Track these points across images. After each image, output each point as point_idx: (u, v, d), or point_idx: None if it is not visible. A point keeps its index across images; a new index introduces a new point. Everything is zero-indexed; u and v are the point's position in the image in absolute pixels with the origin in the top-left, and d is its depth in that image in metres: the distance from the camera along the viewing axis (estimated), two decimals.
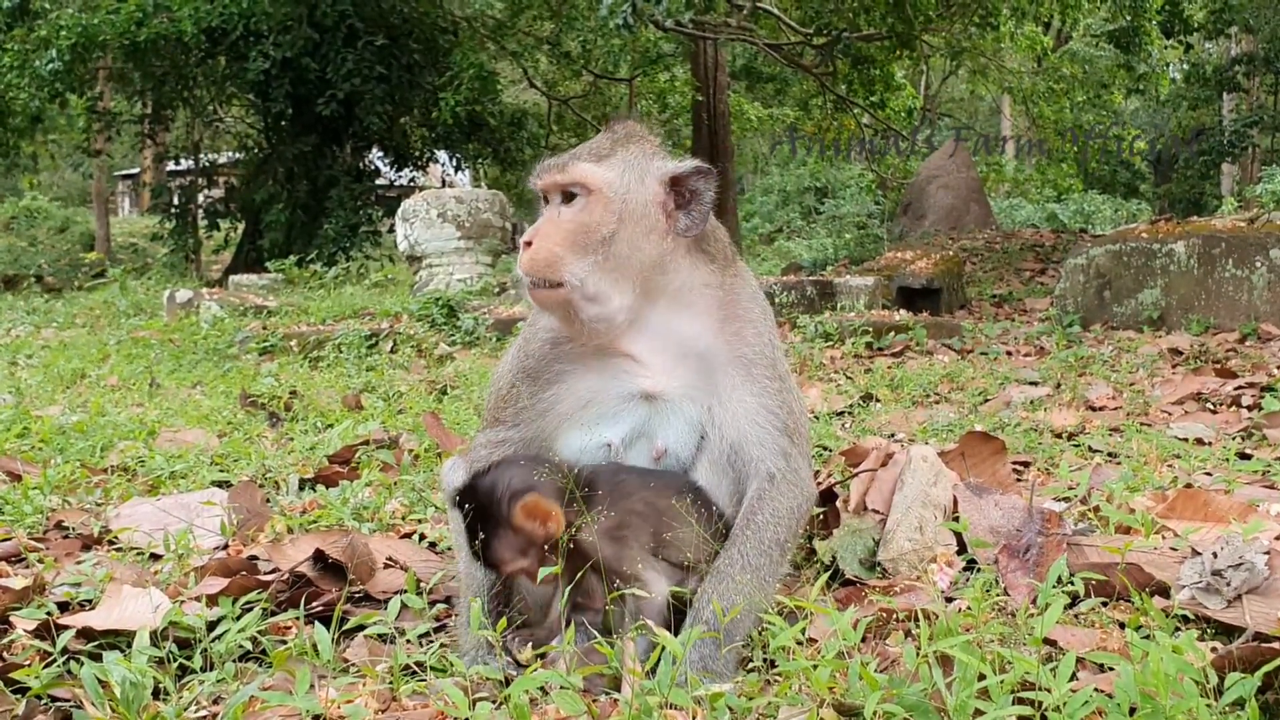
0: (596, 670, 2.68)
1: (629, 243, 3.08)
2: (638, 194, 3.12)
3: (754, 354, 3.22)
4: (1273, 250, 11.81)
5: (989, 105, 51.30)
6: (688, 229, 3.15)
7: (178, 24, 24.34)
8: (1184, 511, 3.98)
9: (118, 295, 18.76)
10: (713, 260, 3.26)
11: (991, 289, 18.36)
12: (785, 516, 3.11)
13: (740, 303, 3.28)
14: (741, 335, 3.23)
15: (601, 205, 3.08)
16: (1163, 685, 2.14)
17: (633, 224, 3.09)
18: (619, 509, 2.95)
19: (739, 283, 3.32)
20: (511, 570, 2.96)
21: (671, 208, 3.15)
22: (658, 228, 3.13)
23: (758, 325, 3.28)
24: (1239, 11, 30.50)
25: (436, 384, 8.74)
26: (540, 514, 2.89)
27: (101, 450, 6.07)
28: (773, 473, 3.14)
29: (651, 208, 3.12)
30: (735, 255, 3.38)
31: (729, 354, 3.20)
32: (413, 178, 31.50)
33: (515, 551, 2.92)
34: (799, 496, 3.18)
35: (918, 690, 2.30)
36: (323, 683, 2.71)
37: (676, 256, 3.18)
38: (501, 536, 2.91)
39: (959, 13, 26.41)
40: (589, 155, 3.16)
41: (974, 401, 7.94)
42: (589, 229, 3.07)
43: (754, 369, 3.20)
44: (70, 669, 2.82)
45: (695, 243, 3.21)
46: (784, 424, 3.19)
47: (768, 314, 3.36)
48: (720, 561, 2.98)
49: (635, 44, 28.13)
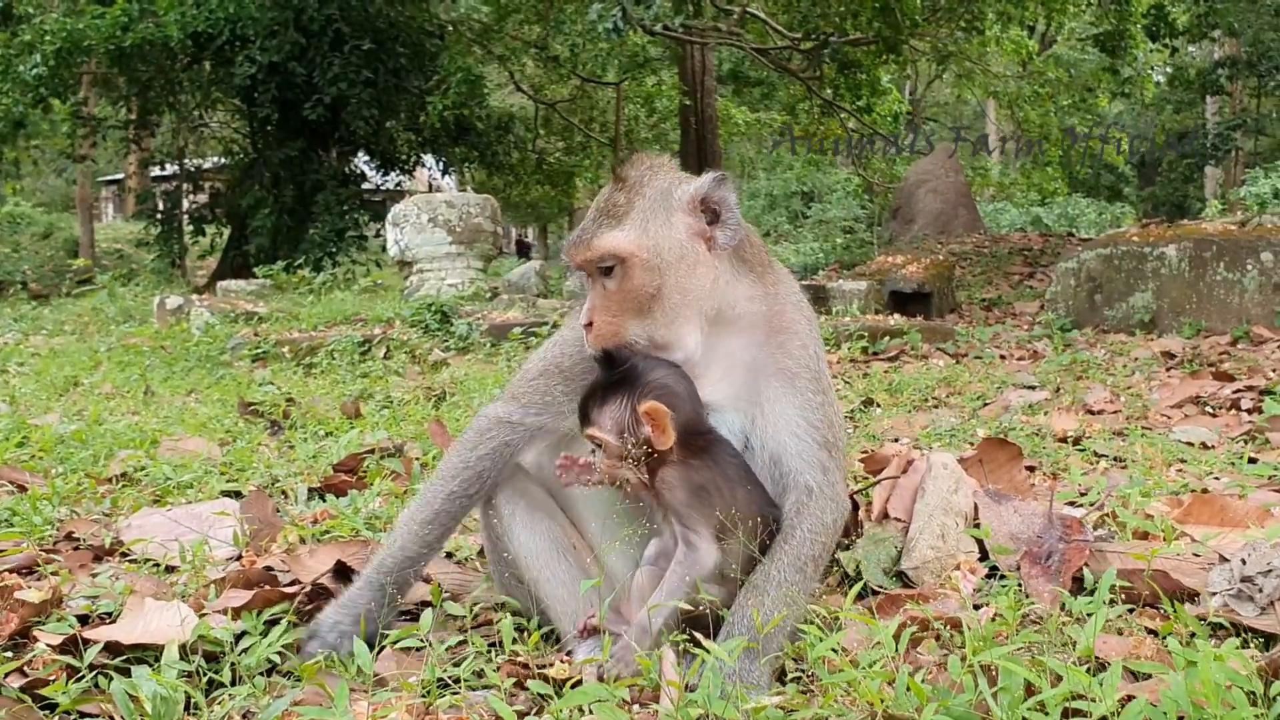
0: (635, 681, 2.66)
1: (679, 288, 3.04)
2: (669, 239, 3.05)
3: (797, 366, 3.20)
4: (1264, 253, 11.86)
5: (974, 109, 51.43)
6: (728, 242, 3.11)
7: (163, 29, 24.28)
8: (1200, 517, 3.98)
9: (106, 302, 18.68)
10: (752, 269, 3.21)
11: (981, 293, 18.43)
12: (821, 532, 3.10)
13: (785, 314, 3.25)
14: (786, 347, 3.21)
15: (639, 268, 3.02)
16: (1213, 695, 2.13)
17: (676, 269, 3.04)
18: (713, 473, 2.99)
19: (782, 290, 3.28)
20: (593, 435, 2.99)
21: (705, 228, 3.10)
22: (701, 258, 3.09)
23: (802, 337, 3.25)
24: (1223, 15, 30.58)
25: (434, 390, 8.70)
26: (659, 421, 2.93)
27: (103, 460, 6.03)
28: (811, 486, 3.12)
29: (687, 243, 3.07)
30: (770, 258, 3.34)
31: (773, 366, 3.18)
32: (399, 182, 31.50)
33: (613, 426, 2.97)
34: (835, 511, 3.16)
35: (964, 701, 2.29)
36: (354, 696, 2.69)
37: (728, 273, 3.15)
38: (614, 406, 2.96)
39: (945, 17, 26.47)
40: (608, 221, 3.08)
41: (973, 406, 7.94)
42: (636, 294, 3.03)
43: (797, 381, 3.18)
44: (98, 684, 2.79)
45: (734, 251, 3.17)
46: (824, 437, 3.17)
47: (812, 323, 3.33)
48: (757, 575, 2.96)
49: (623, 48, 28.16)
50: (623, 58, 30.88)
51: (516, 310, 13.64)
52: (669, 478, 2.97)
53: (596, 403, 2.98)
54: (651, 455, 2.95)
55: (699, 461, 2.99)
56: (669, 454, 2.96)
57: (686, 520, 2.94)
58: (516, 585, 3.31)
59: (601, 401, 2.98)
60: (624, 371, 2.96)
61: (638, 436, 2.94)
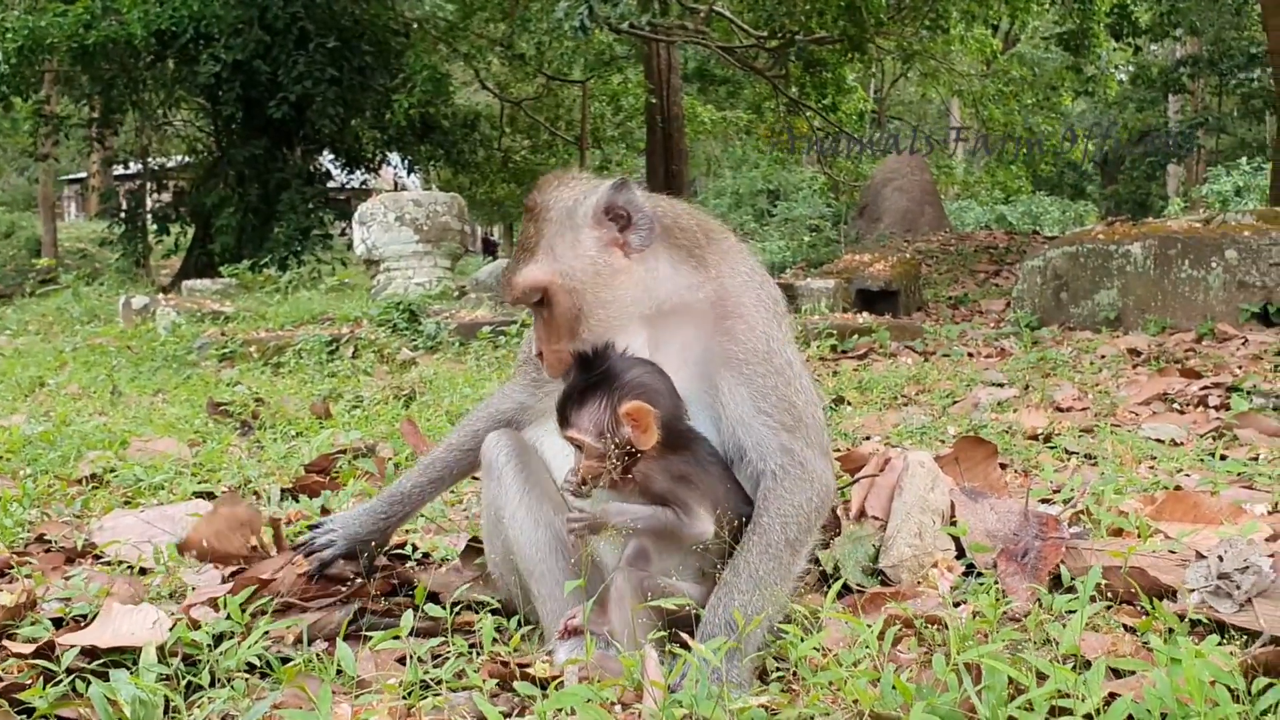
0: (618, 682, 2.65)
1: (600, 302, 3.06)
2: (579, 257, 3.07)
3: (744, 352, 3.13)
4: (1228, 251, 11.95)
5: (938, 108, 51.65)
6: (642, 243, 3.09)
7: (127, 27, 24.12)
8: (1173, 513, 4.00)
9: (71, 301, 18.53)
10: (690, 256, 3.18)
11: (947, 291, 18.51)
12: (793, 514, 3.03)
13: (730, 297, 3.18)
14: (732, 333, 3.14)
15: (559, 293, 3.06)
16: (1197, 692, 2.14)
17: (594, 285, 3.06)
18: (694, 467, 3.00)
19: (726, 271, 3.22)
20: (572, 437, 2.96)
21: (617, 235, 3.09)
22: (619, 266, 3.09)
23: (749, 318, 3.17)
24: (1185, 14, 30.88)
25: (403, 390, 8.67)
26: (642, 421, 2.91)
27: (72, 461, 5.99)
28: (773, 470, 3.07)
29: (600, 256, 3.08)
30: (714, 235, 3.29)
31: (722, 354, 3.13)
32: (365, 180, 31.39)
33: (592, 427, 2.94)
34: (808, 490, 3.09)
35: (949, 700, 2.30)
36: (336, 698, 2.68)
37: (658, 270, 3.13)
38: (593, 407, 2.94)
39: (909, 16, 26.59)
40: (523, 255, 3.13)
41: (943, 404, 7.97)
42: (565, 317, 3.08)
43: (746, 367, 3.12)
44: (75, 688, 2.77)
45: (668, 244, 3.16)
46: (783, 420, 3.10)
47: (763, 301, 3.24)
48: (728, 570, 2.94)
49: (589, 46, 28.16)
50: (589, 56, 30.91)
51: (485, 309, 13.59)
52: (648, 471, 2.95)
53: (574, 404, 2.95)
54: (632, 455, 2.94)
55: (678, 456, 2.98)
56: (649, 451, 2.95)
57: (676, 500, 2.93)
58: (509, 570, 3.31)
59: (580, 403, 2.95)
60: (602, 373, 2.95)
61: (618, 437, 2.92)
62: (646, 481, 2.96)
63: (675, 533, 2.94)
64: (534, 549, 3.20)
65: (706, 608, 2.89)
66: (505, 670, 2.90)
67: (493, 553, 3.40)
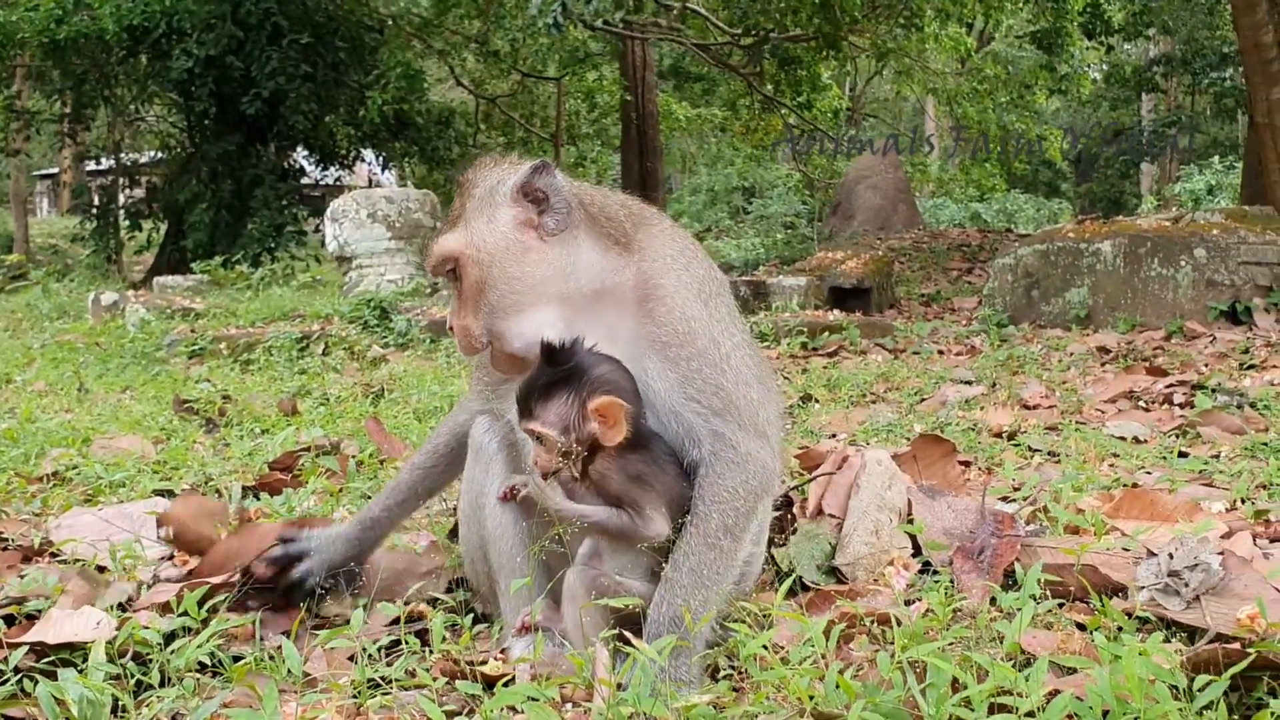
0: (568, 680, 2.65)
1: (506, 278, 3.06)
2: (492, 233, 3.09)
3: (666, 334, 3.07)
4: (1197, 250, 12.03)
5: (913, 106, 51.77)
6: (557, 227, 3.08)
7: (99, 21, 23.98)
8: (1131, 511, 4.03)
9: (40, 298, 18.43)
10: (616, 241, 3.15)
11: (920, 288, 18.56)
12: (729, 499, 2.98)
13: (651, 278, 3.14)
14: (653, 315, 3.10)
15: (468, 265, 3.08)
16: (1136, 689, 2.16)
17: (502, 261, 3.07)
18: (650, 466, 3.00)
19: (650, 253, 3.18)
20: (534, 430, 2.94)
21: (533, 217, 3.10)
22: (532, 246, 3.08)
23: (669, 300, 3.11)
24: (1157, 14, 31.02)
25: (372, 387, 8.65)
26: (611, 418, 2.90)
27: (34, 458, 5.95)
28: (707, 457, 3.03)
29: (513, 234, 3.08)
30: (645, 220, 3.27)
31: (646, 338, 3.09)
32: (338, 177, 31.26)
33: (558, 422, 2.92)
34: (742, 473, 3.02)
35: (893, 698, 2.30)
36: (284, 697, 2.67)
37: (578, 254, 3.11)
38: (560, 402, 2.92)
39: (884, 14, 26.62)
40: (444, 227, 3.18)
41: (910, 401, 8.00)
42: (473, 290, 3.09)
43: (669, 350, 3.06)
44: (23, 686, 2.76)
45: (593, 231, 3.14)
46: (710, 403, 3.04)
47: (684, 283, 3.16)
48: (669, 566, 2.92)
49: (563, 43, 28.11)
50: (563, 53, 30.82)
51: None
52: (605, 469, 2.95)
53: (539, 397, 2.93)
54: (593, 451, 2.94)
55: (635, 455, 2.97)
56: (608, 448, 2.94)
57: (630, 501, 2.93)
58: (480, 560, 3.32)
59: (545, 396, 2.92)
60: (570, 368, 2.93)
61: (583, 433, 2.92)
62: (603, 481, 2.96)
63: (629, 535, 2.94)
64: (508, 543, 3.20)
65: (651, 605, 2.88)
66: (457, 668, 2.89)
67: (469, 538, 3.40)
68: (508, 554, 3.20)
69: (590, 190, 3.24)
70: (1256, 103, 17.38)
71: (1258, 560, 3.38)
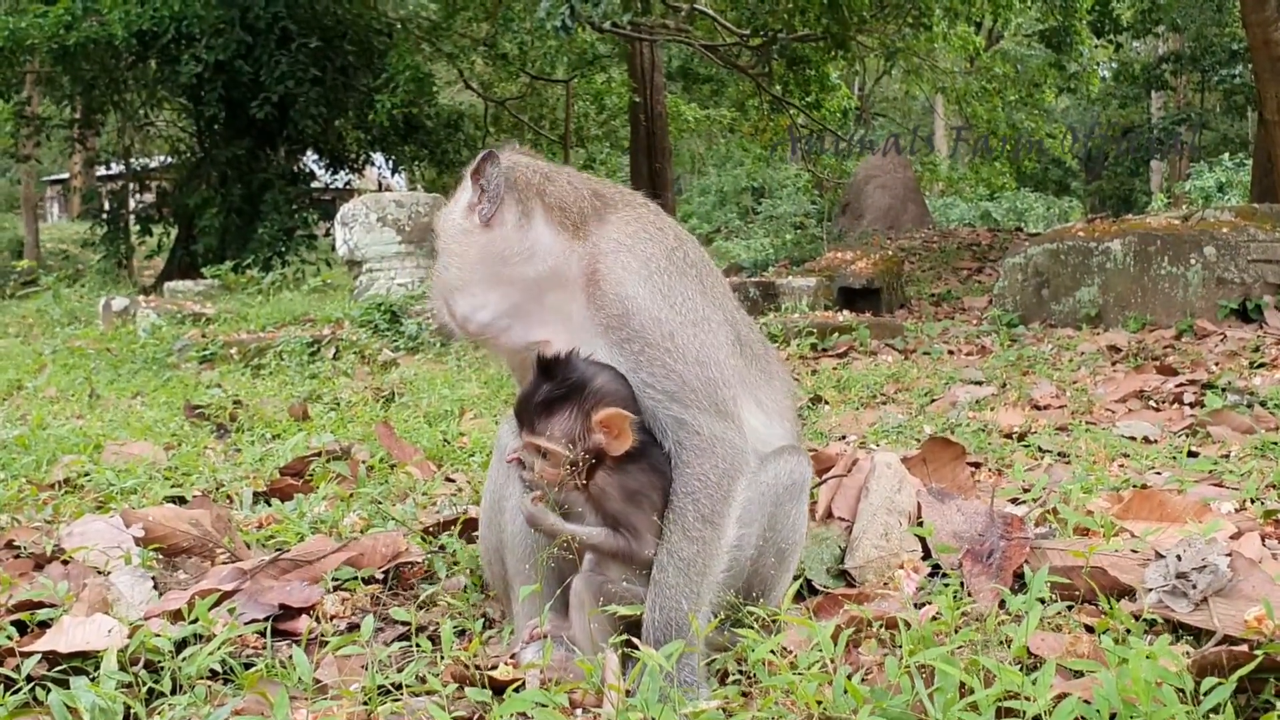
0: (577, 686, 2.66)
1: (450, 254, 3.17)
2: (448, 214, 3.21)
3: (612, 320, 3.00)
4: (1206, 247, 12.01)
5: (922, 105, 51.72)
6: (485, 215, 3.10)
7: (108, 27, 24.02)
8: (1140, 512, 4.02)
9: (51, 303, 18.45)
10: (573, 225, 3.12)
11: (930, 288, 18.52)
12: (700, 487, 2.92)
13: (601, 262, 3.06)
14: (599, 301, 3.03)
15: (436, 241, 3.23)
16: (1143, 692, 2.16)
17: (449, 242, 3.17)
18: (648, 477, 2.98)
19: (599, 237, 3.12)
20: (538, 444, 2.92)
21: (476, 201, 3.15)
22: (473, 230, 3.12)
23: (615, 282, 3.03)
24: (1166, 11, 30.98)
25: (382, 391, 8.67)
26: (616, 429, 2.89)
27: (46, 465, 5.97)
28: (674, 447, 2.97)
29: (460, 218, 3.16)
30: (609, 204, 3.21)
31: (595, 325, 3.03)
32: (348, 181, 31.32)
33: (562, 434, 2.90)
34: (711, 458, 2.94)
35: (900, 702, 2.31)
36: (295, 704, 2.68)
37: (532, 239, 3.09)
38: (563, 415, 2.91)
39: (892, 13, 26.59)
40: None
41: (921, 402, 7.99)
42: (439, 268, 3.22)
43: (611, 334, 3.00)
44: (36, 695, 2.77)
45: (548, 217, 3.13)
46: (664, 389, 2.95)
47: (628, 265, 3.06)
48: (655, 569, 2.90)
49: (572, 45, 28.13)
50: (572, 55, 30.81)
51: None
52: (604, 485, 2.93)
53: (541, 410, 2.91)
54: (595, 464, 2.92)
55: (634, 466, 2.95)
56: (609, 460, 2.93)
57: (627, 523, 2.93)
58: (497, 561, 3.33)
59: (546, 409, 2.90)
60: (571, 381, 2.90)
61: (588, 444, 2.90)
62: (601, 498, 2.94)
63: (625, 556, 2.94)
64: (525, 549, 3.19)
65: (645, 609, 2.88)
66: (468, 674, 2.90)
67: (488, 538, 3.39)
68: (524, 559, 3.19)
69: (560, 178, 3.22)
70: (1266, 99, 17.36)
71: (1266, 561, 3.38)
